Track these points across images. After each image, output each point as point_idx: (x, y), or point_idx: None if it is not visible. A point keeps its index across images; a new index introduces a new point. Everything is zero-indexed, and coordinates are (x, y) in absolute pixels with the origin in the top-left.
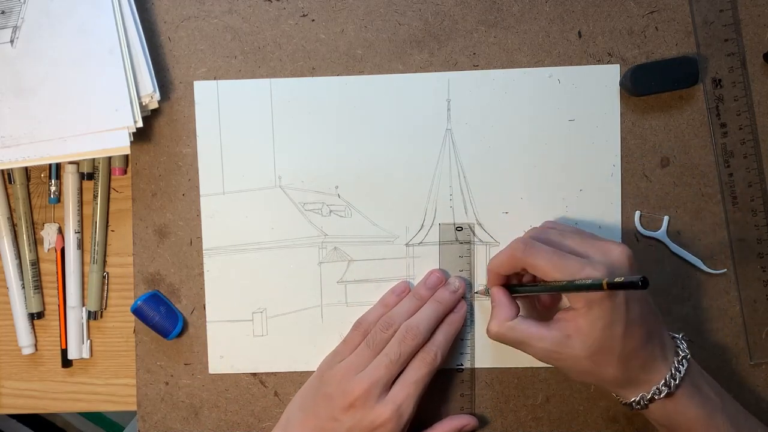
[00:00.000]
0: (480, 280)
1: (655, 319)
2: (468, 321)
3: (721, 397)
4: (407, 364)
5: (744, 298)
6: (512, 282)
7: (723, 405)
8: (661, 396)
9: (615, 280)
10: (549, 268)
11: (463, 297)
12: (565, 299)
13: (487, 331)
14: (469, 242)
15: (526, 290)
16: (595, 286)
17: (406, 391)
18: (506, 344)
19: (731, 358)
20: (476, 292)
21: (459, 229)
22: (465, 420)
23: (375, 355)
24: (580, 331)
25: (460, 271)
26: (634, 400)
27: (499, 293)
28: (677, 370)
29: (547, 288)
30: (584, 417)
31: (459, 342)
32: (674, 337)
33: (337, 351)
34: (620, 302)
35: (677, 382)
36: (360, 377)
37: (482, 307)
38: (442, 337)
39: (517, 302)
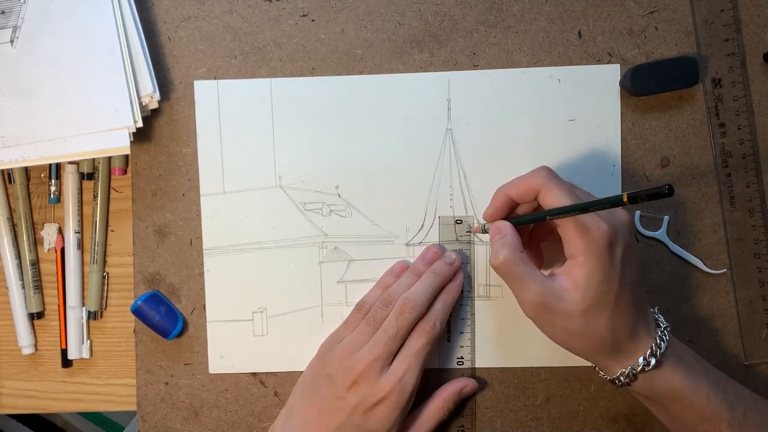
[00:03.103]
0: (480, 280)
1: (643, 290)
2: (468, 319)
3: (704, 365)
4: (408, 337)
5: (740, 299)
6: (511, 216)
7: (706, 372)
8: (650, 367)
9: (637, 192)
10: (565, 200)
11: (460, 269)
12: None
13: (494, 258)
14: (468, 242)
15: (532, 218)
16: (615, 202)
17: (407, 363)
18: (505, 278)
19: (730, 359)
20: (468, 232)
21: (459, 222)
22: (464, 381)
23: (375, 332)
24: (577, 283)
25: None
26: (622, 373)
27: (508, 225)
28: (662, 339)
29: (559, 210)
30: (584, 417)
31: (459, 335)
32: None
33: (337, 332)
34: (618, 260)
35: (663, 351)
36: (360, 354)
37: (483, 307)
38: (440, 306)
39: None
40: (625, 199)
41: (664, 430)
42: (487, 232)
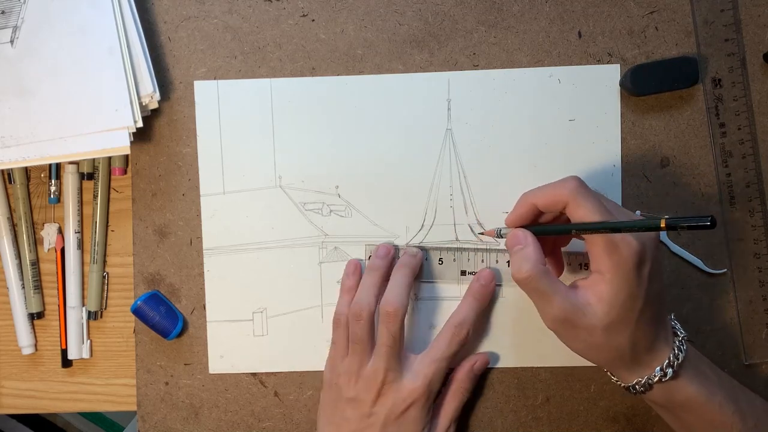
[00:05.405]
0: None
1: (665, 302)
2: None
3: (718, 374)
4: (435, 336)
5: (740, 299)
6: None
7: (720, 382)
8: (666, 378)
9: (677, 218)
10: (595, 216)
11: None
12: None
13: (517, 272)
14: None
15: (557, 229)
16: (651, 226)
17: (435, 366)
18: (528, 292)
19: (730, 359)
20: (480, 233)
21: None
22: (474, 358)
23: (364, 348)
24: (602, 299)
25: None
26: (637, 382)
27: (529, 236)
28: (679, 350)
29: (589, 227)
30: (584, 417)
31: None
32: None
33: (331, 357)
34: (645, 276)
35: (680, 362)
36: (370, 370)
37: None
38: (467, 309)
39: None
40: (662, 224)
41: (664, 430)
42: (502, 237)
